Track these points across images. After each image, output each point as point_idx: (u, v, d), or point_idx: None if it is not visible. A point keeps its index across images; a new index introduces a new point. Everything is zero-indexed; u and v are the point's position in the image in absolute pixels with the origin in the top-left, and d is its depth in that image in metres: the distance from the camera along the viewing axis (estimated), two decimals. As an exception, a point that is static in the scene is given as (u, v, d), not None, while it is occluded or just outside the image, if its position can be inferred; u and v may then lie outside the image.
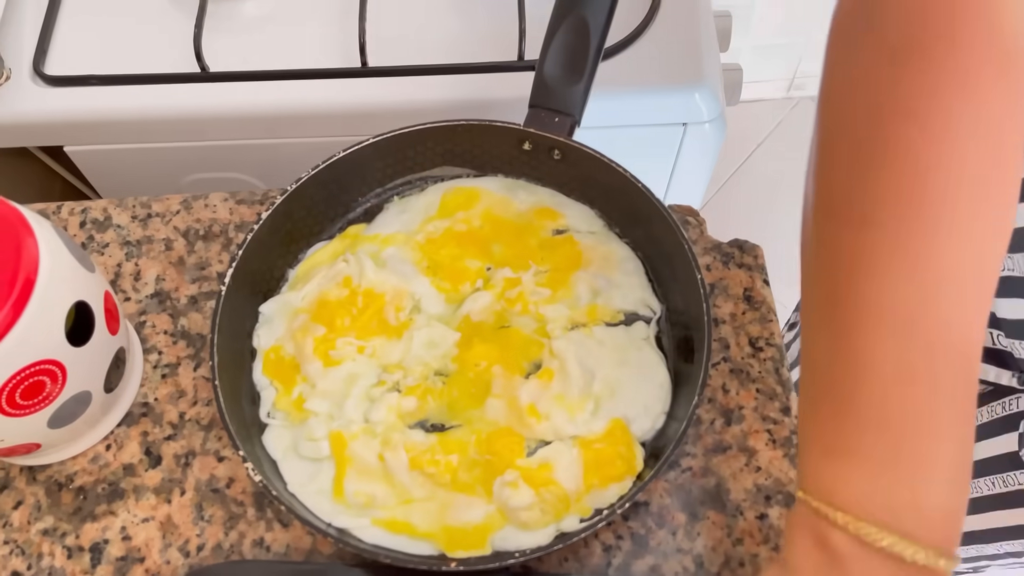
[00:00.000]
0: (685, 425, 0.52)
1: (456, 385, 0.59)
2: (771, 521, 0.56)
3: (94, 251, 0.68)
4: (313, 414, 0.58)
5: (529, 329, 0.61)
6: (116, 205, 0.70)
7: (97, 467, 0.59)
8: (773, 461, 0.58)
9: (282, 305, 0.62)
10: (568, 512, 0.54)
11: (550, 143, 0.64)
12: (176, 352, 0.63)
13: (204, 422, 0.61)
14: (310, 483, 0.56)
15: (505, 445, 0.57)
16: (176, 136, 0.88)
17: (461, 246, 0.65)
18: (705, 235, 0.67)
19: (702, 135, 0.92)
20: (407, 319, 0.62)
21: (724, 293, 0.64)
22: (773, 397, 0.60)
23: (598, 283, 0.63)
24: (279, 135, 0.89)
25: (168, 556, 0.56)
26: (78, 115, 0.85)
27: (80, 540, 0.57)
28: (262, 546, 0.57)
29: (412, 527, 0.54)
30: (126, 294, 0.66)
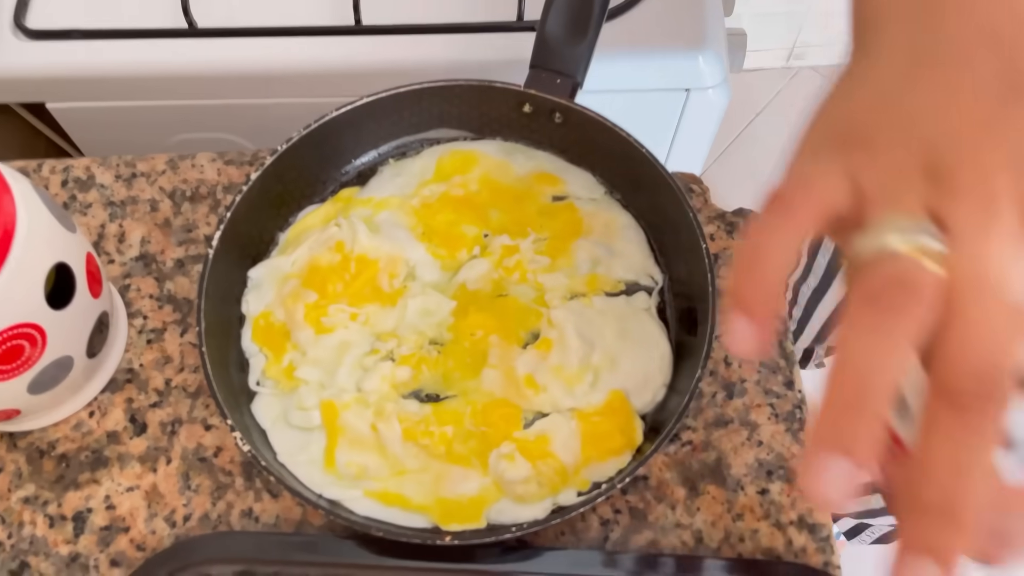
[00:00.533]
0: (687, 399, 0.50)
1: (451, 355, 0.58)
2: (772, 496, 0.55)
3: (76, 211, 0.65)
4: (304, 382, 0.56)
5: (527, 298, 0.59)
6: (99, 164, 0.67)
7: (80, 434, 0.58)
8: (775, 436, 0.56)
9: (272, 270, 0.60)
10: (565, 486, 0.53)
11: (551, 105, 0.62)
12: (162, 317, 0.61)
13: (191, 389, 0.59)
14: (300, 453, 0.54)
15: (501, 416, 0.55)
16: (162, 94, 0.85)
17: (457, 211, 0.63)
18: (709, 204, 0.65)
19: (705, 101, 0.89)
20: (401, 286, 0.60)
21: (728, 263, 0.62)
22: (776, 371, 0.58)
23: (598, 252, 0.61)
24: (269, 94, 0.86)
25: (154, 526, 0.55)
26: (60, 70, 0.82)
27: (62, 509, 0.56)
28: (251, 517, 0.55)
29: (405, 499, 0.53)
30: (110, 256, 0.64)
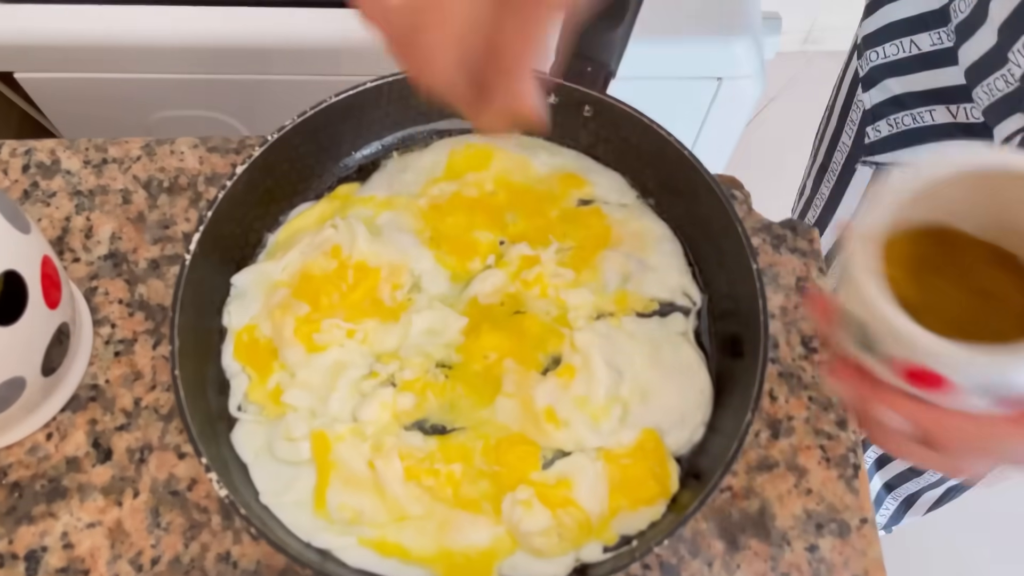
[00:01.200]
0: (737, 445, 0.44)
1: (461, 380, 0.51)
2: (822, 554, 0.48)
3: (39, 201, 0.58)
4: (292, 409, 0.50)
5: (547, 317, 0.53)
6: (66, 147, 0.59)
7: (35, 459, 0.51)
8: (826, 483, 0.50)
9: (258, 276, 0.53)
10: (590, 539, 0.47)
11: (581, 97, 0.54)
12: (132, 326, 0.54)
13: (163, 411, 0.52)
14: (286, 492, 0.48)
15: (517, 455, 0.49)
16: (142, 66, 0.77)
17: (470, 215, 0.55)
18: (753, 213, 0.58)
19: (737, 91, 0.82)
20: (405, 299, 0.53)
21: (773, 282, 0.55)
22: (827, 407, 0.52)
23: (629, 265, 0.54)
24: (261, 70, 0.78)
25: (117, 569, 0.48)
26: (29, 37, 0.74)
27: (13, 546, 0.49)
28: (228, 562, 0.49)
29: (405, 550, 0.46)
30: (75, 254, 0.56)
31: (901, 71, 0.71)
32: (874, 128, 0.75)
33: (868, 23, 0.74)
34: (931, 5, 0.67)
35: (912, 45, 0.70)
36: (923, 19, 0.68)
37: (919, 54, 0.69)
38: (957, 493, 1.08)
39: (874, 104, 0.75)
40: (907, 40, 0.70)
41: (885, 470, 1.08)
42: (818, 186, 0.89)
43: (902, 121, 0.73)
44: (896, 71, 0.72)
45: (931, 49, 0.68)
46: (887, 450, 0.37)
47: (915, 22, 0.69)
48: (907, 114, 0.72)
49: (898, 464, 1.06)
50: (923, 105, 0.70)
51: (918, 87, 0.70)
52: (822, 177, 0.87)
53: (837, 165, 0.83)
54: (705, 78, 0.81)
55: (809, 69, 2.01)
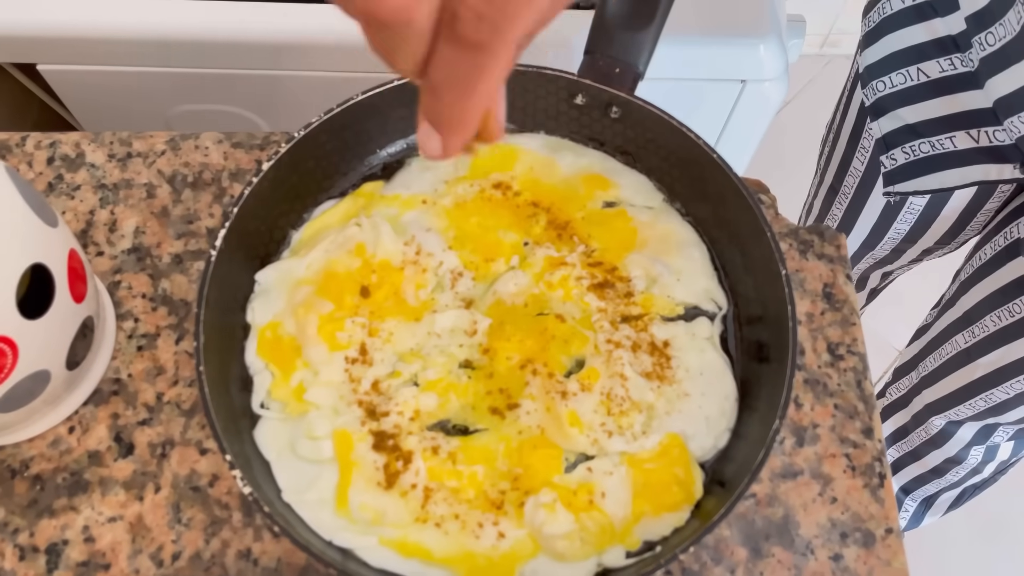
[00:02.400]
0: (763, 453, 0.43)
1: (484, 381, 0.51)
2: (847, 563, 0.48)
3: (63, 193, 0.58)
4: (314, 407, 0.49)
5: (571, 319, 0.52)
6: (91, 140, 0.59)
7: (57, 453, 0.51)
8: (851, 492, 0.49)
9: (282, 274, 0.53)
10: (612, 543, 0.46)
11: (608, 98, 0.54)
12: (155, 321, 0.54)
13: (185, 406, 0.52)
14: (308, 491, 0.47)
15: (540, 458, 0.48)
16: (164, 60, 0.77)
17: (495, 215, 0.55)
18: (779, 217, 0.57)
19: (761, 95, 0.81)
20: (429, 298, 0.53)
21: (800, 288, 0.55)
22: (854, 415, 0.51)
23: (655, 269, 0.53)
24: (282, 66, 0.78)
25: (137, 564, 0.48)
26: (53, 28, 0.74)
27: (35, 539, 0.49)
28: (248, 559, 0.48)
29: (427, 551, 0.46)
30: (99, 247, 0.56)
31: (912, 100, 0.71)
32: (889, 157, 0.75)
33: (868, 53, 0.74)
34: (936, 34, 0.66)
35: (920, 73, 0.69)
36: (929, 47, 0.67)
37: (929, 81, 0.69)
38: (974, 493, 1.08)
39: (885, 133, 0.74)
40: (914, 69, 0.70)
41: (900, 474, 1.08)
42: (828, 208, 0.88)
43: (919, 148, 0.73)
44: (906, 100, 0.71)
45: (942, 76, 0.67)
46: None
47: (920, 50, 0.68)
48: (924, 141, 0.72)
49: (914, 468, 1.06)
50: (941, 132, 0.70)
51: (933, 114, 0.70)
52: (832, 199, 0.87)
53: (849, 189, 0.83)
54: (729, 80, 0.81)
55: (826, 72, 2.00)
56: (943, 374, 0.86)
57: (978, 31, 0.61)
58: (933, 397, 0.91)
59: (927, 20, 0.67)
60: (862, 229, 0.85)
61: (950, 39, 0.65)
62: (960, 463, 0.99)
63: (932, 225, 0.80)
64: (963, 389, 0.84)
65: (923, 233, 0.82)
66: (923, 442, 0.99)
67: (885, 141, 0.75)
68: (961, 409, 0.87)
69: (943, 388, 0.88)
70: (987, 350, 0.76)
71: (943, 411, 0.91)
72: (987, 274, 0.74)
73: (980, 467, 0.99)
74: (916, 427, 0.98)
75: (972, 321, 0.77)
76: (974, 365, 0.79)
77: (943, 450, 0.98)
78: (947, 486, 1.07)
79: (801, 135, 1.89)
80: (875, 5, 0.74)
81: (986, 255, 0.74)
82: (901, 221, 0.81)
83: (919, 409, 0.95)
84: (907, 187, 0.76)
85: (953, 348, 0.82)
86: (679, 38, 0.75)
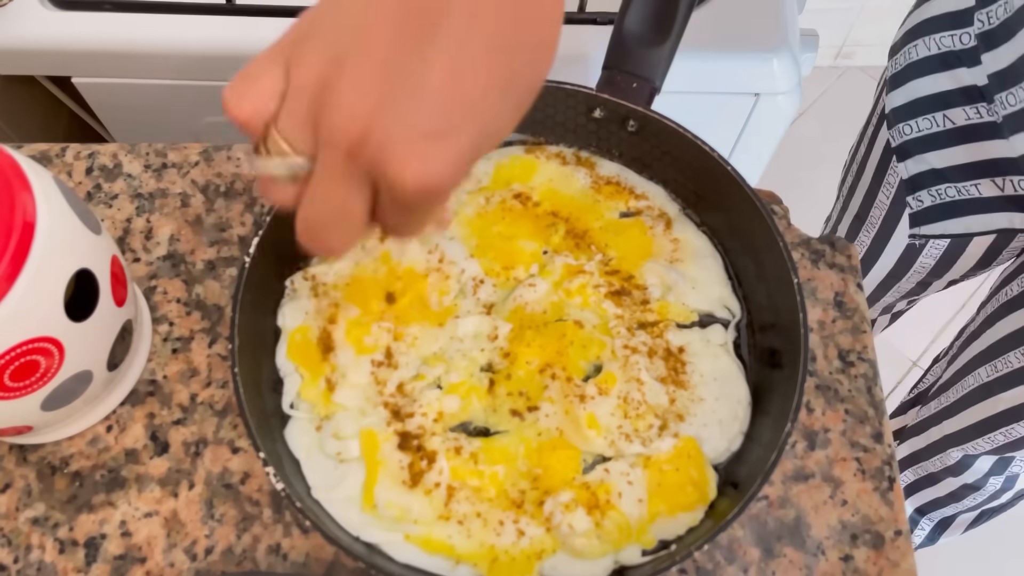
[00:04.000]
0: (775, 455, 0.45)
1: (504, 384, 0.52)
2: (857, 564, 0.49)
3: (101, 202, 0.60)
4: (342, 408, 0.51)
5: (589, 325, 0.54)
6: (128, 151, 0.62)
7: (96, 450, 0.53)
8: (861, 495, 0.51)
9: (312, 280, 0.55)
10: (629, 542, 0.48)
11: (626, 112, 0.56)
12: (189, 324, 0.56)
13: (218, 407, 0.54)
14: (336, 488, 0.49)
15: (559, 459, 0.50)
16: (195, 73, 0.80)
17: (515, 224, 0.57)
18: (792, 228, 0.59)
19: (774, 107, 0.83)
20: (451, 304, 0.54)
21: (812, 296, 0.57)
22: (864, 420, 0.53)
23: (670, 277, 0.55)
24: (308, 79, 0.80)
25: (172, 558, 0.50)
26: (88, 43, 0.77)
27: (74, 533, 0.51)
28: (278, 554, 0.50)
29: (450, 547, 0.48)
30: (135, 254, 0.58)
31: (937, 145, 0.71)
32: (915, 198, 0.75)
33: (895, 96, 0.74)
34: (961, 82, 0.67)
35: (946, 120, 0.70)
36: (954, 95, 0.68)
37: (954, 128, 0.69)
38: (993, 515, 1.08)
39: (912, 175, 0.75)
40: (940, 115, 0.70)
41: (916, 496, 1.08)
42: (855, 236, 0.88)
43: (945, 192, 0.73)
44: (932, 145, 0.72)
45: (968, 123, 0.68)
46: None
47: (946, 97, 0.69)
48: (950, 186, 0.72)
49: (930, 492, 1.06)
50: (967, 179, 0.70)
51: (959, 160, 0.70)
52: (859, 227, 0.87)
53: (876, 220, 0.83)
54: (743, 93, 0.82)
55: (840, 83, 2.01)
56: (963, 406, 0.86)
57: (1000, 90, 0.62)
58: (952, 428, 0.91)
59: (953, 69, 0.67)
60: (888, 260, 0.85)
61: (976, 89, 0.65)
62: (978, 490, 0.99)
63: (957, 262, 0.80)
64: (983, 423, 0.84)
65: (948, 269, 0.82)
66: (939, 469, 0.99)
67: (912, 183, 0.75)
68: (979, 443, 0.87)
69: (963, 420, 0.88)
70: (1010, 385, 0.76)
71: (961, 443, 0.90)
72: (1013, 310, 0.74)
73: (998, 494, 0.99)
74: (931, 455, 0.98)
75: (996, 356, 0.77)
76: (996, 399, 0.79)
77: (960, 478, 0.98)
78: (964, 509, 1.07)
79: (814, 146, 1.90)
80: (901, 49, 0.74)
81: (1013, 291, 0.75)
82: (927, 256, 0.81)
83: (937, 439, 0.95)
84: (932, 230, 0.76)
85: (976, 381, 0.82)
86: (694, 52, 0.77)
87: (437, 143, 0.29)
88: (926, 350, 1.68)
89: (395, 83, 0.29)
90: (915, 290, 0.90)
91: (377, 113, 0.29)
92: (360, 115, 0.29)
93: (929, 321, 1.69)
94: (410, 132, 0.29)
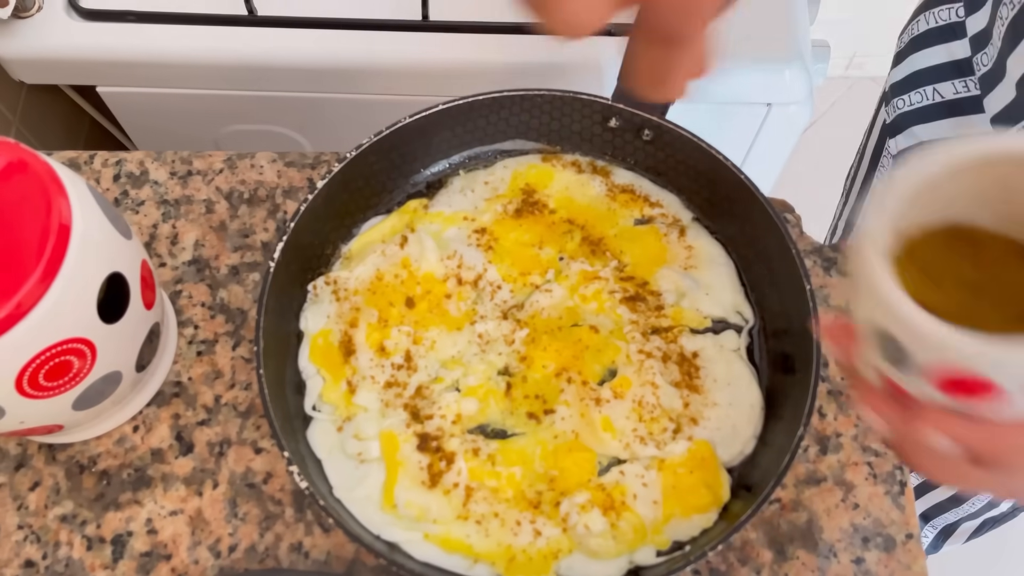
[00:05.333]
0: (788, 459, 0.46)
1: (521, 388, 0.54)
2: (868, 566, 0.50)
3: (128, 208, 0.62)
4: (363, 410, 0.53)
5: (605, 330, 0.55)
6: (154, 159, 0.63)
7: (123, 450, 0.54)
8: (873, 499, 0.52)
9: (333, 284, 0.56)
10: (644, 543, 0.49)
11: (641, 121, 0.57)
12: (213, 328, 0.58)
13: (242, 408, 0.55)
14: (357, 488, 0.51)
15: (575, 461, 0.51)
16: (217, 83, 0.81)
17: (532, 231, 0.58)
18: (804, 236, 0.60)
19: (786, 118, 0.84)
20: (469, 309, 0.56)
21: (824, 303, 0.57)
22: (875, 426, 0.53)
23: (684, 283, 0.56)
24: (328, 89, 0.82)
25: (197, 555, 0.51)
26: (113, 53, 0.78)
27: (101, 530, 0.52)
28: (300, 552, 0.52)
29: (468, 546, 0.49)
30: (161, 259, 0.60)
31: (926, 118, 0.72)
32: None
33: (896, 72, 0.76)
34: (955, 55, 0.68)
35: (935, 93, 0.71)
36: (946, 68, 0.69)
37: (942, 102, 0.70)
38: (995, 524, 1.08)
39: (900, 150, 0.76)
40: (930, 88, 0.71)
41: (921, 500, 1.09)
42: (851, 228, 0.90)
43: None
44: (921, 118, 0.73)
45: (954, 97, 0.69)
46: (934, 478, 0.34)
47: (940, 70, 0.70)
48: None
49: (935, 494, 1.06)
50: None
51: (943, 134, 0.71)
52: (855, 219, 0.88)
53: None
54: (755, 104, 0.83)
55: (851, 93, 2.02)
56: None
57: (977, 51, 0.63)
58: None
59: (947, 42, 0.69)
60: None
61: (966, 61, 0.67)
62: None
63: None
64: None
65: None
66: None
67: (899, 159, 0.76)
68: None
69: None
70: None
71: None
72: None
73: (996, 501, 0.99)
74: None
75: None
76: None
77: None
78: (966, 516, 1.07)
79: (825, 155, 1.91)
80: (907, 27, 0.76)
81: None
82: None
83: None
84: None
85: None
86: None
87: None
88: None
89: None
90: None
91: None
92: None
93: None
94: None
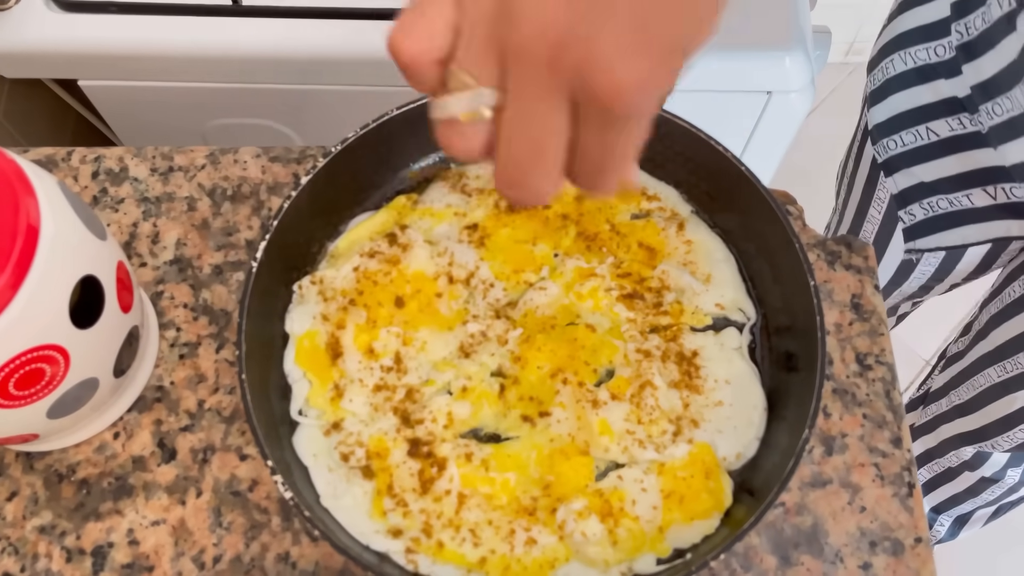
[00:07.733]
0: (793, 462, 0.44)
1: (515, 389, 0.52)
2: (876, 572, 0.48)
3: (107, 206, 0.59)
4: (351, 414, 0.51)
5: (601, 329, 0.53)
6: (134, 155, 0.61)
7: (103, 458, 0.52)
8: (880, 501, 0.50)
9: (319, 284, 0.54)
10: (643, 550, 0.47)
11: (637, 112, 0.55)
12: (196, 330, 0.56)
13: (226, 413, 0.53)
14: (345, 495, 0.49)
15: (571, 466, 0.49)
16: (201, 75, 0.79)
17: (525, 227, 0.56)
18: (806, 229, 0.58)
19: (787, 105, 0.82)
20: (461, 309, 0.54)
21: (828, 299, 0.56)
22: (882, 425, 0.52)
23: (683, 279, 0.54)
24: (316, 81, 0.80)
25: (180, 566, 0.50)
26: (94, 46, 0.76)
27: (81, 541, 0.50)
28: (287, 562, 0.50)
29: (461, 556, 0.47)
30: (142, 259, 0.58)
31: (924, 158, 0.70)
32: (907, 212, 0.75)
33: (876, 112, 0.73)
34: (942, 95, 0.66)
35: (929, 132, 0.69)
36: (936, 107, 0.67)
37: (939, 140, 0.68)
38: (1009, 508, 1.07)
39: (901, 189, 0.74)
40: (923, 128, 0.69)
41: (932, 495, 1.08)
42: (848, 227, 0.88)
43: (937, 205, 0.72)
44: (919, 159, 0.71)
45: (952, 135, 0.67)
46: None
47: (927, 111, 0.68)
48: (941, 198, 0.71)
49: (947, 488, 1.05)
50: (958, 190, 0.69)
51: (948, 172, 0.69)
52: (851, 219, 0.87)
53: (869, 236, 0.83)
54: (755, 92, 0.81)
55: (851, 80, 2.00)
56: (979, 405, 0.85)
57: (985, 100, 0.61)
58: (968, 427, 0.89)
59: (931, 81, 0.66)
60: (886, 271, 0.85)
61: (957, 100, 0.64)
62: (997, 482, 0.98)
63: (955, 269, 0.80)
64: (1001, 420, 0.83)
65: (948, 274, 0.82)
66: (957, 464, 0.98)
67: (902, 197, 0.74)
68: (999, 440, 0.86)
69: (979, 419, 0.86)
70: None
71: (978, 441, 0.89)
72: (1018, 312, 0.73)
73: (1017, 487, 0.98)
74: (945, 452, 0.98)
75: (1005, 356, 0.76)
76: (1012, 397, 0.78)
77: (978, 471, 0.97)
78: (982, 504, 1.06)
79: (826, 143, 1.89)
80: (878, 64, 0.73)
81: (1015, 292, 0.73)
82: (925, 264, 0.81)
83: (948, 436, 0.94)
84: (928, 243, 0.75)
85: (987, 380, 0.81)
86: (706, 51, 0.76)
87: (642, 37, 0.27)
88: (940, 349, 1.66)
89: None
90: (917, 293, 0.90)
91: (571, 17, 0.27)
92: (554, 22, 0.27)
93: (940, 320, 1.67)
94: (615, 29, 0.26)
